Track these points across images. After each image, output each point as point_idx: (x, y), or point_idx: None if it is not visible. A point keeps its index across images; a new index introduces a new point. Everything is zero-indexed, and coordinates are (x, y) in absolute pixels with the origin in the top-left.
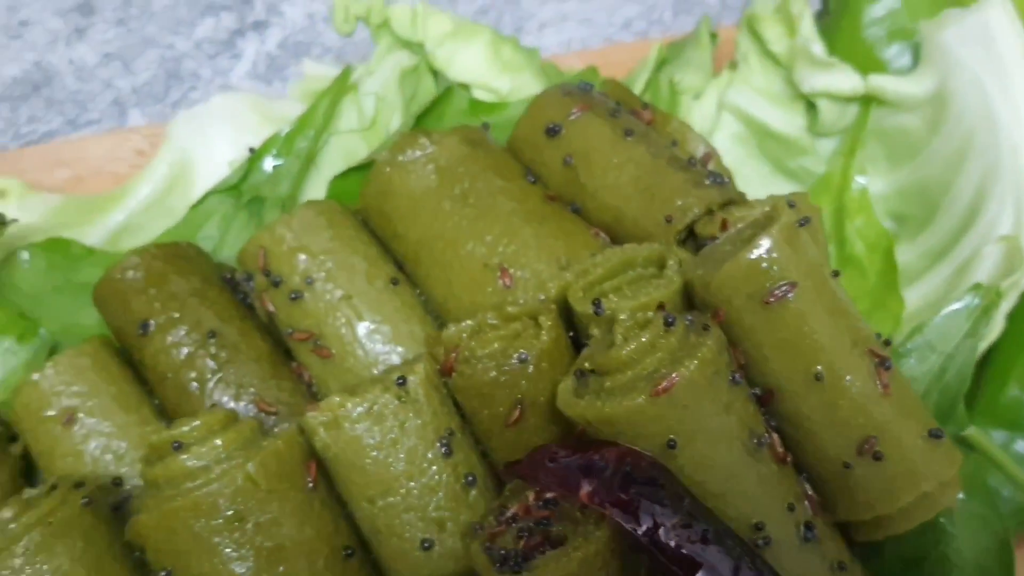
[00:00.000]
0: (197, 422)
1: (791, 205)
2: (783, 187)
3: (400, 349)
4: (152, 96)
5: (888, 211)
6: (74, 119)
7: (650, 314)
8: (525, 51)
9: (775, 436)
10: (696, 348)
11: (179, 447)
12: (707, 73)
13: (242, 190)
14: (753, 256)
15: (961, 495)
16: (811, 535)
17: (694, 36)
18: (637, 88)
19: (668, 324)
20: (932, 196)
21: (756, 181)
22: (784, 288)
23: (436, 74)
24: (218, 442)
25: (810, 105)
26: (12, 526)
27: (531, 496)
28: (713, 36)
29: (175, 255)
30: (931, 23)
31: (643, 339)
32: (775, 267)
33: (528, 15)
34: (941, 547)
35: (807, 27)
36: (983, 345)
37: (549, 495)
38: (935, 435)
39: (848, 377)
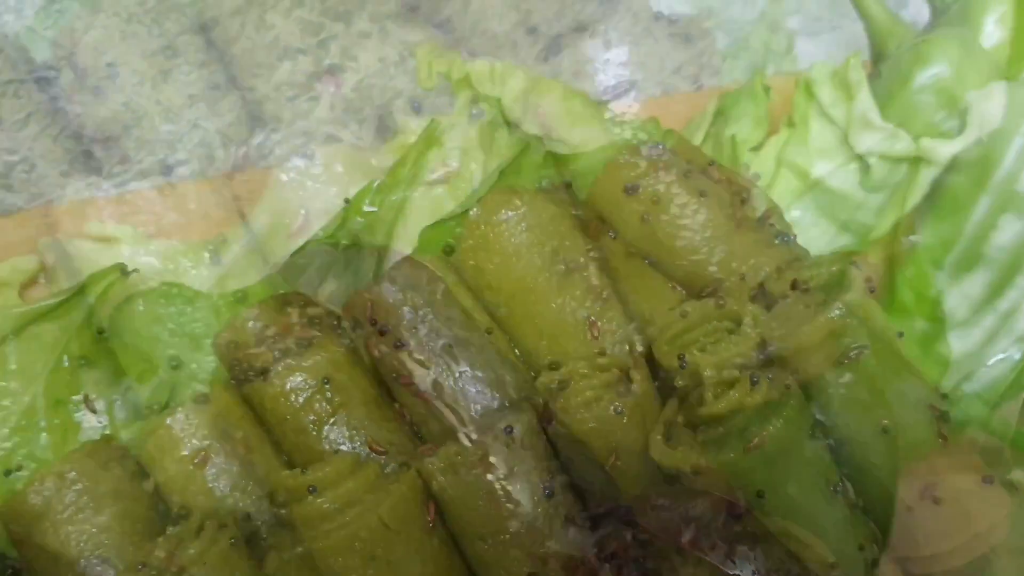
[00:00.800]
0: (329, 468)
1: (855, 265)
2: (835, 237)
3: (496, 394)
4: (237, 137)
5: (932, 260)
6: (164, 159)
7: (736, 373)
8: (593, 104)
9: (848, 484)
10: (781, 407)
11: (314, 490)
12: (763, 125)
13: (338, 238)
14: (828, 321)
15: None
16: (877, 571)
17: (748, 88)
18: (697, 138)
19: (753, 383)
20: (975, 249)
21: (810, 232)
22: (856, 351)
23: (510, 125)
24: (349, 485)
25: (862, 162)
26: (171, 567)
27: (628, 536)
28: (767, 89)
29: (289, 305)
30: (978, 93)
31: (732, 396)
32: (848, 331)
33: (586, 60)
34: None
35: (864, 94)
36: None
37: (644, 536)
38: (987, 481)
39: (912, 430)
